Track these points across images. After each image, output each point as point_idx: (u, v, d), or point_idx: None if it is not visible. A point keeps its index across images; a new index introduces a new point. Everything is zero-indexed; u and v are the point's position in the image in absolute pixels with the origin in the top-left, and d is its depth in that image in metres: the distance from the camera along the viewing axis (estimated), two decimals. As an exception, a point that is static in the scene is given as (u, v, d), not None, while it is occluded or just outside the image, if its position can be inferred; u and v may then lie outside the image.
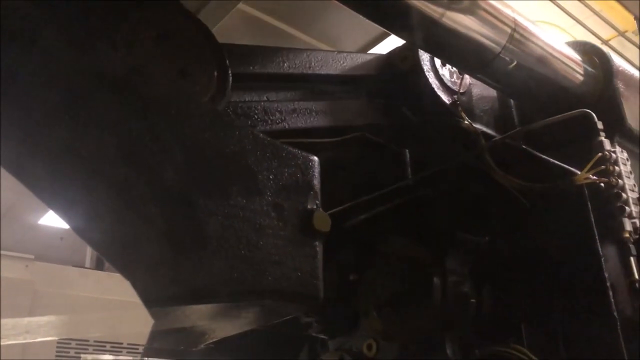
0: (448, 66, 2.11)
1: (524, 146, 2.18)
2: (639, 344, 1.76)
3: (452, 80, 2.11)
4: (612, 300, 1.84)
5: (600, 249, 1.93)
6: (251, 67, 1.78)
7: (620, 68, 2.32)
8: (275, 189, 1.37)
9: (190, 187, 1.21)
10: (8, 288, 6.44)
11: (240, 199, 1.28)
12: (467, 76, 2.14)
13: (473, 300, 2.11)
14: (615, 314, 1.81)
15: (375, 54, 2.26)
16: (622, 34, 7.05)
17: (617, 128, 2.21)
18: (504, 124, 2.27)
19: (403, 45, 2.13)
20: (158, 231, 1.16)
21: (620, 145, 2.13)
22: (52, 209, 1.09)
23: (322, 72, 1.97)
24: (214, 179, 1.26)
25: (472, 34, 1.83)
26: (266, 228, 1.31)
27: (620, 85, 2.26)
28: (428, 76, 2.04)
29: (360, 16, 1.74)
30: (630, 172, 2.05)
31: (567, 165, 2.09)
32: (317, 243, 1.41)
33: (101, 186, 1.11)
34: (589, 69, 2.25)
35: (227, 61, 1.57)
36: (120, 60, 1.22)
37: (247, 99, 1.74)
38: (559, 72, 2.14)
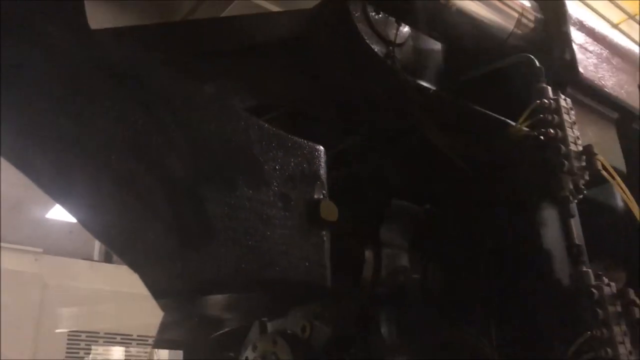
0: (383, 14, 1.83)
1: (460, 100, 1.91)
2: (577, 314, 1.55)
3: (388, 30, 1.84)
4: (548, 268, 1.63)
5: (536, 210, 1.70)
6: (161, 48, 1.57)
7: (579, 17, 2.09)
8: (281, 179, 1.37)
9: (196, 178, 1.21)
10: (18, 281, 6.49)
11: (246, 190, 1.28)
12: (405, 27, 1.89)
13: (416, 276, 1.89)
14: (550, 284, 1.61)
15: (299, 10, 1.90)
16: (632, 17, 6.97)
17: (569, 78, 1.96)
18: (447, 80, 2.01)
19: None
20: (165, 223, 1.15)
21: (572, 98, 1.88)
22: (58, 202, 1.09)
23: (238, 44, 1.74)
24: (219, 170, 1.26)
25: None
26: (273, 218, 1.31)
27: (576, 33, 2.03)
28: (358, 25, 1.77)
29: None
30: (574, 123, 1.78)
31: (510, 118, 1.81)
32: (324, 232, 1.40)
33: (107, 178, 1.11)
34: (539, 15, 2.04)
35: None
36: (125, 51, 1.21)
37: None
38: (505, 16, 1.91)
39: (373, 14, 1.82)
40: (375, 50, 1.80)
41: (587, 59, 2.05)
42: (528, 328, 1.64)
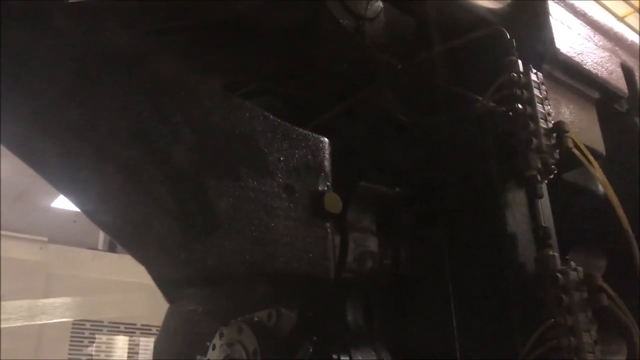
0: None
1: (428, 76, 1.83)
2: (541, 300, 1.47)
3: (358, 3, 1.78)
4: (511, 251, 1.55)
5: (501, 190, 1.62)
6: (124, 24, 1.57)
7: None
8: (285, 170, 1.36)
9: (200, 168, 1.20)
10: (23, 270, 6.53)
11: (250, 181, 1.28)
12: (377, 1, 1.81)
13: (386, 262, 1.82)
14: (511, 268, 1.54)
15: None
16: (638, 10, 6.91)
17: (546, 54, 1.86)
18: (418, 54, 1.90)
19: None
20: (169, 213, 1.16)
21: (549, 75, 1.79)
22: (62, 192, 1.09)
23: (198, 20, 1.69)
24: (224, 161, 1.26)
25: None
26: (277, 210, 1.31)
27: (555, 8, 1.94)
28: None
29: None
30: (545, 99, 1.69)
31: (480, 95, 1.71)
32: (327, 224, 1.40)
33: (111, 168, 1.11)
34: None
35: None
36: (130, 40, 1.21)
37: None
38: None
39: None
40: (344, 24, 1.76)
41: (566, 35, 1.95)
42: (490, 313, 1.57)
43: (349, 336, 1.71)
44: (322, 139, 1.48)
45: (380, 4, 1.82)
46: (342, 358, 1.64)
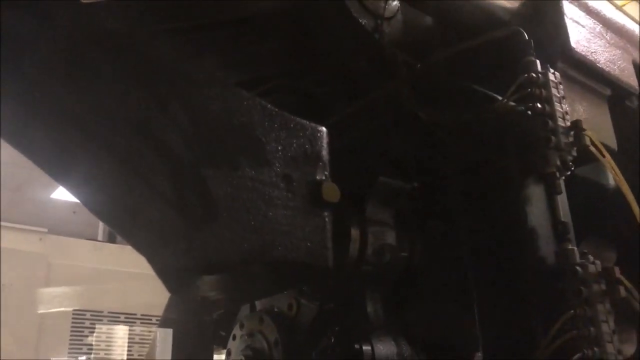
0: None
1: (448, 75, 1.89)
2: (561, 292, 1.53)
3: (377, 3, 1.83)
4: (531, 245, 1.60)
5: (521, 187, 1.67)
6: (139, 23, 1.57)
7: None
8: (283, 160, 1.37)
9: (198, 157, 1.21)
10: (23, 261, 6.55)
11: (249, 170, 1.28)
12: (395, 0, 1.86)
13: (404, 254, 1.88)
14: (532, 261, 1.59)
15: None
16: (637, -1, 6.89)
17: (561, 52, 1.92)
18: (436, 53, 1.94)
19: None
20: (167, 203, 1.16)
21: (564, 73, 1.84)
22: (59, 181, 1.09)
23: (219, 18, 1.71)
24: (222, 150, 1.26)
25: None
26: (275, 199, 1.31)
27: (569, 7, 1.98)
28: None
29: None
30: (563, 98, 1.74)
31: (498, 94, 1.78)
32: (326, 213, 1.41)
33: (109, 158, 1.11)
34: None
35: None
36: (126, 26, 1.20)
37: None
38: None
39: None
40: (363, 23, 1.78)
41: (580, 34, 1.99)
42: (511, 305, 1.62)
43: (369, 327, 1.74)
44: (320, 128, 1.48)
45: (398, 3, 1.84)
46: (364, 347, 1.68)
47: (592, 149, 1.69)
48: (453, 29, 1.96)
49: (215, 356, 2.46)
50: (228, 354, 2.02)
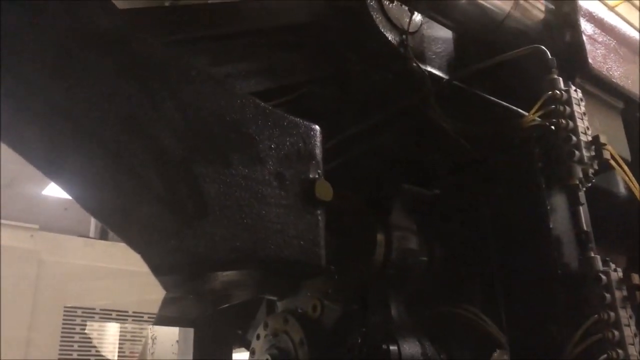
0: (396, 3, 1.89)
1: (473, 89, 1.99)
2: (585, 298, 1.63)
3: (401, 19, 1.91)
4: (556, 253, 1.70)
5: (546, 197, 1.76)
6: (171, 32, 1.60)
7: (590, 8, 2.14)
8: (276, 157, 1.37)
9: (190, 155, 1.20)
10: (14, 257, 6.51)
11: (241, 168, 1.28)
12: (418, 15, 1.94)
13: (424, 259, 1.98)
14: (557, 269, 1.67)
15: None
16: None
17: (579, 68, 2.03)
18: (458, 68, 2.08)
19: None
20: (159, 200, 1.15)
21: (581, 88, 1.94)
22: (50, 177, 1.08)
23: (253, 27, 1.79)
24: (215, 148, 1.25)
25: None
26: (268, 197, 1.31)
27: (586, 24, 2.08)
28: (373, 14, 1.84)
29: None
30: (584, 114, 1.85)
31: (521, 108, 1.90)
32: (319, 212, 1.41)
33: (101, 154, 1.10)
34: (550, 5, 2.09)
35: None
36: (116, 23, 1.19)
37: None
38: (518, 8, 1.96)
39: (387, 2, 1.89)
40: (389, 38, 1.85)
41: (596, 50, 2.11)
42: (537, 310, 1.71)
43: (394, 327, 1.82)
44: (313, 126, 1.48)
45: (421, 18, 1.93)
46: (391, 347, 1.75)
47: (612, 162, 1.82)
48: (473, 43, 2.06)
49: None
50: (252, 353, 2.10)
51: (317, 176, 1.44)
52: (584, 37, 2.06)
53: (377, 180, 2.07)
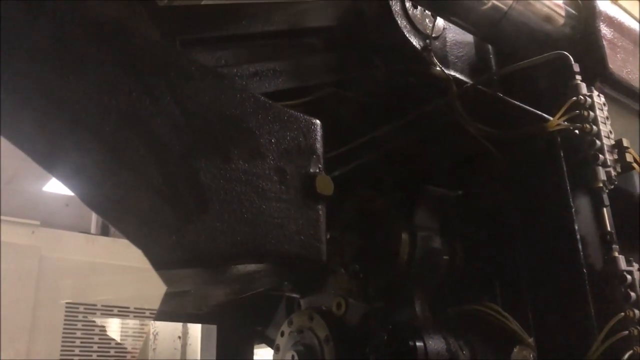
0: (420, 8, 1.95)
1: (497, 92, 2.06)
2: (610, 296, 1.70)
3: (425, 23, 1.97)
4: (582, 253, 1.77)
5: (571, 199, 1.84)
6: (201, 30, 1.63)
7: (609, 13, 2.19)
8: (277, 152, 1.36)
9: (190, 149, 1.20)
10: (15, 254, 6.51)
11: (242, 163, 1.28)
12: (440, 20, 2.00)
13: (446, 257, 2.06)
14: (583, 268, 1.75)
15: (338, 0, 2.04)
16: (631, -6, 6.90)
17: (599, 72, 2.10)
18: (480, 71, 2.15)
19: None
20: (160, 195, 1.15)
21: (601, 92, 2.01)
22: (51, 172, 1.08)
23: (282, 28, 1.83)
24: (215, 143, 1.25)
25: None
26: (268, 192, 1.31)
27: (605, 29, 2.14)
28: (397, 19, 1.89)
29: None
30: (607, 118, 1.93)
31: (543, 112, 1.97)
32: (319, 207, 1.41)
33: (102, 150, 1.10)
34: (571, 10, 2.14)
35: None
36: (114, 15, 1.19)
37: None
38: (539, 14, 2.02)
39: (410, 7, 1.94)
40: (414, 43, 1.88)
41: (616, 55, 2.18)
42: (564, 308, 1.77)
43: (419, 324, 1.87)
44: (313, 120, 1.48)
45: (443, 22, 1.97)
46: (417, 344, 1.79)
47: (635, 165, 1.90)
48: (498, 51, 2.11)
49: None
50: (277, 350, 2.15)
51: (317, 171, 1.43)
52: (605, 42, 2.14)
53: (400, 181, 2.13)
